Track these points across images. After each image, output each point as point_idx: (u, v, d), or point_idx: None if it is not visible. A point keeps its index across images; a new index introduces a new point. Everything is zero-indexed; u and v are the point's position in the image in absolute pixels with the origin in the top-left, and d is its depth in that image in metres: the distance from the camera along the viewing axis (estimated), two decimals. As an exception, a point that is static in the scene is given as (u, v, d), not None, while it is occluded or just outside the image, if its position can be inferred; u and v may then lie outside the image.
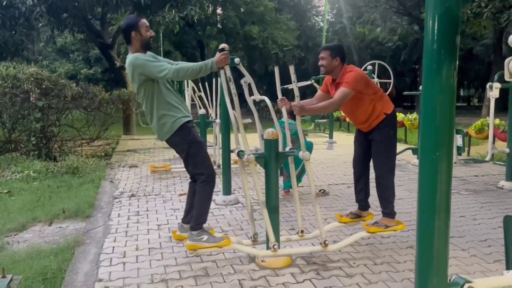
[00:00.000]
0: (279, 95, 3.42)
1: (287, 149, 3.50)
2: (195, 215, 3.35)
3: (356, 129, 3.99)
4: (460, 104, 45.60)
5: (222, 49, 3.14)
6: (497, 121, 8.72)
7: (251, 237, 3.47)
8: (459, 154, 8.00)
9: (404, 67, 30.98)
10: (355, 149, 3.99)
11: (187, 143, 3.31)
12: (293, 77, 3.17)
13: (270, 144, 3.27)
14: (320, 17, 39.72)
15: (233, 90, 3.11)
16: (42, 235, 4.18)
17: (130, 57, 3.29)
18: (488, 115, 6.79)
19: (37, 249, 3.73)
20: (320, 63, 3.69)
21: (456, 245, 3.76)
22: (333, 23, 32.41)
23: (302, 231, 3.58)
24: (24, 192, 5.75)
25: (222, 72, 3.17)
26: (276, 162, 3.29)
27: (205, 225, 3.49)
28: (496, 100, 6.17)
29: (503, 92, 6.20)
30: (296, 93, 3.22)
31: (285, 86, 11.20)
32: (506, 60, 3.18)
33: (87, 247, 3.83)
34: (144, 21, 3.36)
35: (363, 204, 3.98)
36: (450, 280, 2.19)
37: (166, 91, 3.33)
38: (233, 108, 3.22)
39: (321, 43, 29.59)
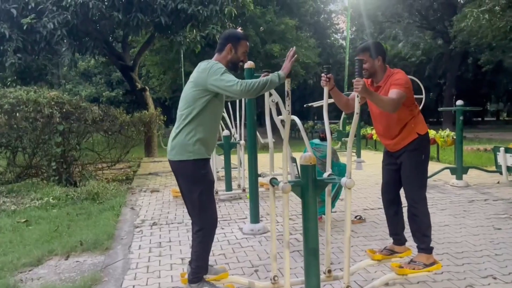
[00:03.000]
0: (325, 114, 3.05)
1: (325, 175, 3.11)
2: (194, 267, 3.00)
3: (384, 151, 3.56)
4: (489, 118, 44.35)
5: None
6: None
7: (271, 279, 3.01)
8: (510, 174, 7.45)
9: (429, 83, 30.24)
10: (384, 175, 3.56)
11: (198, 177, 2.93)
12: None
13: (308, 170, 2.86)
14: (339, 34, 39.57)
15: (288, 107, 2.77)
16: (58, 271, 3.86)
17: (209, 61, 2.94)
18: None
19: (52, 288, 3.41)
20: None
21: (524, 283, 3.26)
22: (353, 40, 32.10)
23: (329, 271, 3.12)
24: (42, 221, 5.49)
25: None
26: (315, 191, 2.89)
27: (216, 267, 3.21)
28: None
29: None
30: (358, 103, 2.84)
31: (310, 104, 10.86)
32: None
33: (105, 285, 3.48)
34: (247, 44, 3.08)
35: (398, 238, 3.52)
36: None
37: (214, 117, 2.97)
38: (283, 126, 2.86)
39: (343, 60, 29.28)
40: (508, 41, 16.95)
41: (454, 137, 8.94)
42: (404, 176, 3.32)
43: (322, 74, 3.11)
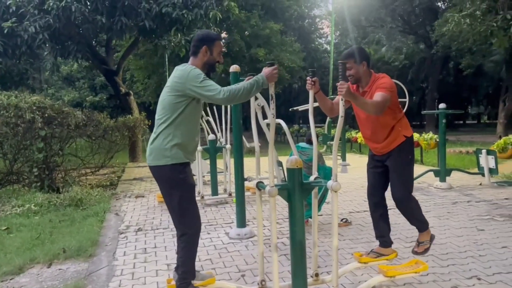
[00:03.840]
0: (311, 118, 3.04)
1: (312, 178, 3.11)
2: (181, 273, 2.98)
3: (369, 154, 3.58)
4: (470, 121, 45.12)
5: (272, 64, 2.84)
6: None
7: (258, 283, 2.96)
8: (491, 176, 7.58)
9: (412, 86, 30.65)
10: (369, 178, 3.57)
11: (177, 181, 2.90)
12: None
13: (294, 173, 2.86)
14: (324, 39, 39.88)
15: (273, 110, 2.74)
16: (40, 279, 3.77)
17: (185, 66, 2.92)
18: (504, 132, 6.41)
19: (33, 297, 3.33)
20: (347, 74, 3.31)
21: (507, 283, 3.30)
22: (337, 44, 32.36)
23: (317, 274, 3.11)
24: (23, 228, 5.37)
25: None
26: (301, 194, 2.88)
27: (203, 272, 3.19)
28: (509, 116, 5.82)
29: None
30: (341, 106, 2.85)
31: (295, 108, 10.90)
32: None
33: (89, 293, 3.41)
34: (222, 43, 3.05)
35: (384, 240, 3.53)
36: None
37: (192, 121, 2.95)
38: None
39: (327, 64, 29.49)
40: (488, 45, 17.29)
41: (437, 140, 9.05)
42: (392, 177, 3.35)
43: (308, 78, 3.11)
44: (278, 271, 2.76)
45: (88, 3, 9.85)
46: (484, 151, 7.69)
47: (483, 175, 7.73)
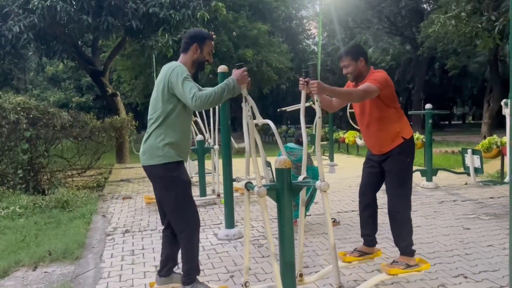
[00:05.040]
0: (302, 118, 3.02)
1: (300, 178, 3.11)
2: (186, 269, 2.96)
3: (367, 153, 3.57)
4: (455, 122, 45.72)
5: (240, 66, 2.82)
6: (504, 139, 8.45)
7: (242, 285, 2.86)
8: (477, 175, 7.68)
9: (398, 87, 30.93)
10: (364, 177, 3.54)
11: (170, 180, 2.89)
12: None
13: (283, 173, 2.85)
14: (311, 40, 40.01)
15: (249, 113, 2.73)
16: (25, 282, 3.71)
17: (174, 63, 2.90)
18: (488, 133, 6.50)
19: (18, 300, 3.28)
20: (344, 72, 3.28)
21: (493, 281, 3.35)
22: (325, 45, 32.52)
23: (301, 275, 3.11)
24: (8, 231, 5.27)
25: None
26: (290, 194, 2.88)
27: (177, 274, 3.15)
28: (493, 117, 5.92)
29: (500, 109, 5.93)
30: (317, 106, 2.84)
31: (283, 109, 10.91)
32: None
33: (75, 296, 3.37)
34: (212, 43, 3.04)
35: (370, 239, 3.52)
36: None
37: (184, 120, 2.95)
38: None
39: (315, 65, 29.50)
40: (472, 46, 17.53)
41: (424, 140, 9.15)
42: (389, 181, 3.31)
43: (300, 78, 3.09)
44: (265, 272, 2.76)
45: (74, 3, 9.74)
46: (469, 151, 7.79)
47: (468, 174, 7.83)
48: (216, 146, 6.78)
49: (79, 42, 13.68)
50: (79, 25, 9.84)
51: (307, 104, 3.30)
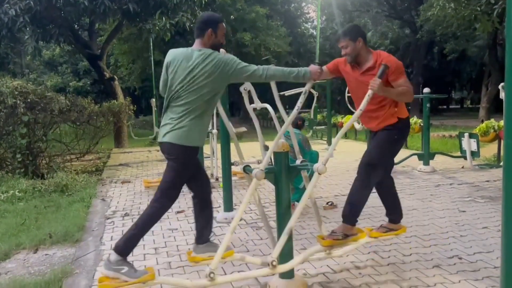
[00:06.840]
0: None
1: (298, 162, 3.14)
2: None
3: (371, 134, 3.59)
4: (453, 106, 45.70)
5: (320, 64, 3.01)
6: (501, 123, 8.47)
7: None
8: (473, 158, 7.72)
9: (397, 71, 30.84)
10: None
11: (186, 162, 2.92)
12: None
13: (281, 157, 2.89)
14: (310, 23, 39.67)
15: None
16: (26, 265, 3.76)
17: (207, 50, 2.83)
18: (486, 117, 6.51)
19: (20, 282, 3.33)
20: (343, 52, 3.21)
21: (487, 262, 3.41)
22: (323, 29, 32.28)
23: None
24: (8, 214, 5.32)
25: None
26: (288, 177, 2.92)
27: (141, 269, 3.01)
28: (491, 101, 5.91)
29: (498, 93, 5.94)
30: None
31: (282, 93, 10.89)
32: None
33: (76, 278, 3.42)
34: (224, 25, 3.04)
35: (391, 217, 3.40)
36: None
37: (212, 109, 2.98)
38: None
39: (313, 49, 29.43)
40: (471, 30, 17.45)
41: (421, 124, 9.17)
42: (372, 143, 3.31)
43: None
44: (263, 254, 2.81)
45: (70, -15, 9.62)
46: (466, 134, 7.83)
47: (465, 158, 7.88)
48: (215, 131, 6.80)
49: (76, 25, 13.58)
50: (75, 8, 9.73)
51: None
